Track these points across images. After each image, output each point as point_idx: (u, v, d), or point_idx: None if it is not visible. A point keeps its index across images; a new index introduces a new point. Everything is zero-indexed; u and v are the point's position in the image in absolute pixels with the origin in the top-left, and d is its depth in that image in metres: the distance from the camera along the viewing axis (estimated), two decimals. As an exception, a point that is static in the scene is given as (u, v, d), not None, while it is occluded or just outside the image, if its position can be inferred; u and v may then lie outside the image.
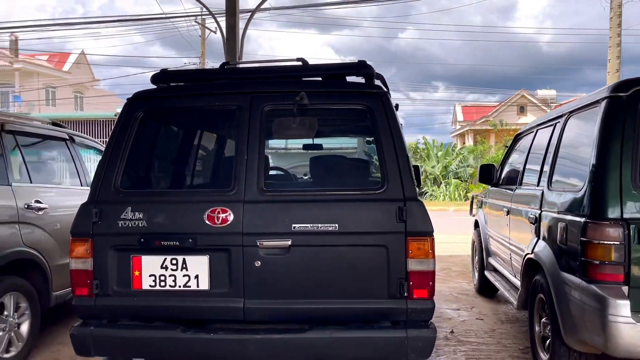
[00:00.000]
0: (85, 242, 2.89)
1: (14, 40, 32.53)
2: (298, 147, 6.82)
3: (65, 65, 36.26)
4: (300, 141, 5.47)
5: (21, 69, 32.83)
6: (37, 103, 32.03)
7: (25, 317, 4.18)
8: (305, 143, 5.33)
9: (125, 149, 3.01)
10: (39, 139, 4.84)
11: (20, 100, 31.72)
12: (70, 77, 35.25)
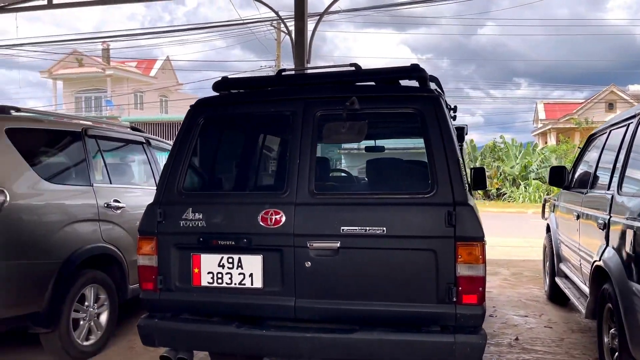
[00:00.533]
0: (151, 240, 3.11)
1: (106, 49, 34.88)
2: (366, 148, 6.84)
3: (152, 71, 38.39)
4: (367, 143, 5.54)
5: (112, 75, 35.15)
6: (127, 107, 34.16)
7: (104, 308, 4.54)
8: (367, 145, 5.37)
9: (187, 153, 3.20)
10: (118, 142, 5.23)
11: (111, 104, 34.00)
12: (156, 82, 37.28)
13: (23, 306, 3.83)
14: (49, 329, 4.02)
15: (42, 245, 3.95)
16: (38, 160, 4.14)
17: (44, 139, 4.34)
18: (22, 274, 3.80)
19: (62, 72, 35.73)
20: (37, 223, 3.95)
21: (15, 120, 4.12)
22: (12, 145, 3.89)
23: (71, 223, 4.22)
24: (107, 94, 34.97)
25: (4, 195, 3.68)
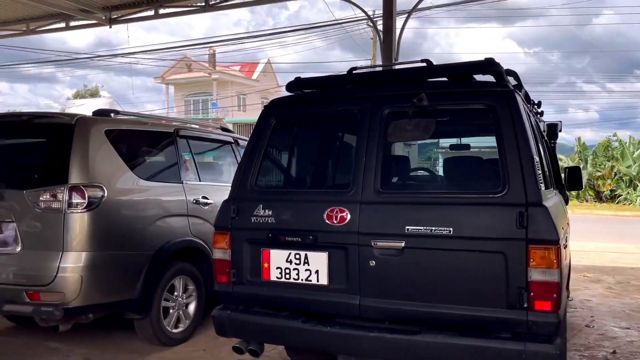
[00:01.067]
0: (225, 235, 3.26)
1: (212, 54, 36.83)
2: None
3: (254, 74, 39.95)
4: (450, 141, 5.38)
5: (218, 79, 37.05)
6: (231, 109, 35.86)
7: (192, 299, 4.82)
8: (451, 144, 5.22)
9: (260, 152, 3.32)
10: (207, 142, 5.52)
11: (217, 107, 35.86)
12: (258, 85, 38.75)
13: (119, 293, 4.18)
14: (141, 316, 4.35)
15: (135, 237, 4.28)
16: (133, 159, 4.49)
17: (139, 139, 4.70)
18: (118, 263, 4.14)
19: (173, 78, 38.26)
20: (131, 217, 4.28)
21: (113, 122, 4.50)
22: (110, 145, 4.26)
23: (162, 218, 4.53)
24: (213, 97, 36.91)
25: (102, 191, 4.04)
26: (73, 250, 3.88)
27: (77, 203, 3.91)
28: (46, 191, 3.93)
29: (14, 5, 10.57)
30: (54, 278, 3.82)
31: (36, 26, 11.68)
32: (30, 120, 4.32)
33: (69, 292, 3.83)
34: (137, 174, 4.41)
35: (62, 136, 4.06)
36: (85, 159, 4.03)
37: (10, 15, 11.30)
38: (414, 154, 16.22)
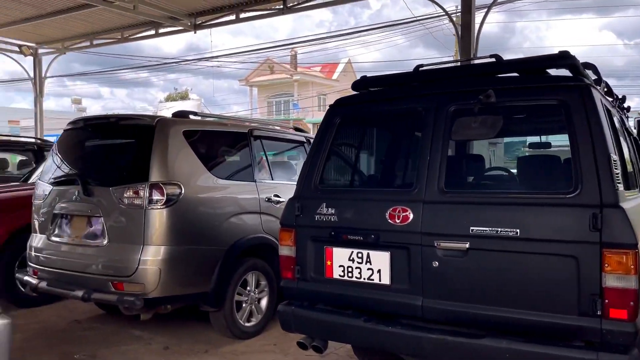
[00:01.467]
0: (290, 232, 3.33)
1: (294, 55, 37.53)
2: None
3: (334, 74, 40.22)
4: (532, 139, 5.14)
5: (299, 80, 37.70)
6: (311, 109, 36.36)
7: (264, 294, 4.97)
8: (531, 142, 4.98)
9: (324, 151, 3.35)
10: (280, 142, 5.65)
11: (297, 107, 36.52)
12: (337, 85, 38.97)
13: (194, 286, 4.39)
14: (215, 308, 4.54)
15: (210, 233, 4.47)
16: (209, 158, 4.69)
17: (215, 139, 4.90)
18: (194, 257, 4.35)
19: (256, 80, 39.41)
20: (207, 214, 4.48)
21: (191, 123, 4.73)
22: (188, 145, 4.48)
23: (236, 215, 4.70)
24: (294, 98, 37.61)
25: (180, 188, 4.26)
26: (153, 244, 4.13)
27: (157, 200, 4.15)
28: (129, 188, 4.20)
29: (111, 15, 11.39)
30: (135, 270, 4.08)
31: (129, 34, 12.50)
32: (117, 121, 4.64)
33: (148, 284, 4.08)
34: (212, 173, 4.61)
35: (144, 137, 4.33)
36: (165, 158, 4.27)
37: (108, 25, 12.19)
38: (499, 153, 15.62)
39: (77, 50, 13.92)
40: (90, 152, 4.78)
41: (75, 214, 4.49)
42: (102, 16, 11.46)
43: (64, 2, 10.64)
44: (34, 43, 13.75)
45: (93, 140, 4.76)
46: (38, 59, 14.08)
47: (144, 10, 10.69)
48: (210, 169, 4.61)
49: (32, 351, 4.48)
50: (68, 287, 4.35)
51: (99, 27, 12.31)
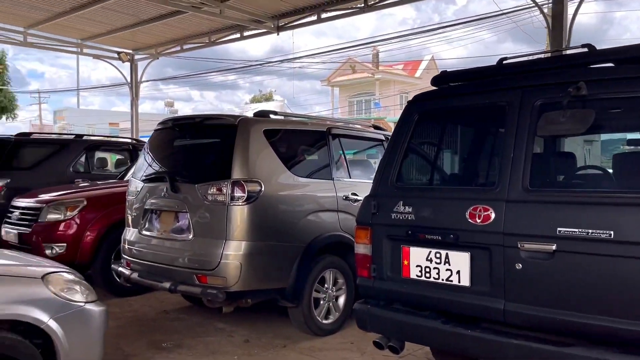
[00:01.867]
0: (366, 230, 3.30)
1: (376, 54, 37.35)
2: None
3: (417, 72, 39.55)
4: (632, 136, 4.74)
5: (380, 78, 37.46)
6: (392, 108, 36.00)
7: (341, 292, 4.97)
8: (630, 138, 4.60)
9: (401, 148, 3.29)
10: (358, 140, 5.64)
11: (379, 106, 36.30)
12: (420, 83, 38.28)
13: (273, 281, 4.48)
14: (293, 304, 4.61)
15: (289, 230, 4.55)
16: (288, 156, 4.77)
17: (294, 138, 4.97)
18: (273, 253, 4.44)
19: (338, 80, 39.63)
20: (285, 211, 4.56)
21: (271, 122, 4.83)
22: (267, 143, 4.58)
23: (314, 212, 4.75)
24: (376, 97, 37.41)
25: (260, 186, 4.36)
26: (234, 239, 4.26)
27: (238, 196, 4.27)
28: (213, 185, 4.37)
29: (199, 21, 11.92)
30: (218, 264, 4.23)
31: (216, 38, 13.00)
32: (202, 121, 4.83)
33: (230, 277, 4.21)
34: (291, 171, 4.68)
35: (227, 136, 4.48)
36: (246, 157, 4.39)
37: (196, 30, 12.76)
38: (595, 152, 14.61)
39: (168, 55, 14.69)
40: (177, 151, 5.01)
41: (163, 209, 4.73)
42: (191, 22, 12.01)
43: (158, 10, 11.26)
44: (131, 50, 14.67)
45: (180, 140, 5.00)
46: (134, 64, 15.01)
47: (230, 15, 11.07)
48: (289, 167, 4.68)
49: (125, 338, 4.77)
50: (157, 278, 4.60)
51: (188, 32, 12.91)
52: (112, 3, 10.69)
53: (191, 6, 10.76)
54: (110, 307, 5.66)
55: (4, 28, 12.97)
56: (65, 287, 3.24)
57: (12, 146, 7.79)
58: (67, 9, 11.29)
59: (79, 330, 3.21)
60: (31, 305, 2.98)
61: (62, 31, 13.14)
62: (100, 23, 12.34)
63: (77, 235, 5.93)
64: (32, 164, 7.92)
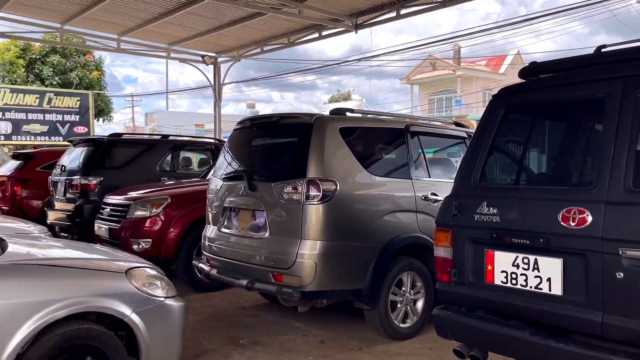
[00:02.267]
0: (446, 233, 3.13)
1: (457, 50, 36.29)
2: None
3: (501, 68, 37.99)
4: None
5: (462, 75, 36.33)
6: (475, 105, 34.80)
7: (420, 295, 4.80)
8: None
9: (485, 145, 3.09)
10: (438, 138, 5.42)
11: (460, 103, 35.23)
12: (504, 79, 36.73)
13: (348, 282, 4.39)
14: (369, 306, 4.50)
15: (365, 230, 4.44)
16: (365, 154, 4.66)
17: (371, 136, 4.86)
18: (348, 254, 4.36)
19: (418, 77, 38.93)
20: (361, 210, 4.46)
21: (348, 120, 4.74)
22: (343, 142, 4.50)
23: (391, 212, 4.61)
24: (457, 94, 36.35)
25: (335, 185, 4.29)
26: (309, 238, 4.22)
27: (313, 195, 4.23)
28: (289, 184, 4.35)
29: (278, 22, 12.09)
30: (293, 263, 4.21)
31: (295, 39, 13.12)
32: (279, 120, 4.84)
33: (305, 277, 4.17)
34: (368, 169, 4.57)
35: (303, 134, 4.45)
36: (321, 155, 4.34)
37: (276, 31, 12.95)
38: None
39: (249, 57, 15.03)
40: (254, 150, 5.06)
41: (241, 207, 4.79)
42: (271, 23, 12.20)
43: (239, 13, 11.54)
44: (214, 53, 15.16)
45: (257, 139, 5.04)
46: (217, 66, 15.50)
47: (308, 15, 11.12)
48: (365, 165, 4.58)
49: (204, 333, 4.88)
50: (234, 275, 4.66)
51: (268, 34, 13.13)
52: (197, 8, 11.07)
53: (270, 7, 10.92)
54: (191, 302, 5.86)
55: (100, 36, 13.86)
56: (147, 282, 3.33)
57: (105, 146, 8.25)
58: (155, 15, 11.84)
59: (160, 324, 3.29)
60: (115, 298, 3.08)
61: (151, 37, 13.81)
62: (186, 27, 12.84)
63: (161, 232, 6.16)
64: (122, 163, 8.35)
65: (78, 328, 2.97)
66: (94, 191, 7.86)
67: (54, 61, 28.24)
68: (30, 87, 26.31)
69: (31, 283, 2.87)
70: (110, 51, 14.75)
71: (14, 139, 23.89)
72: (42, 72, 28.18)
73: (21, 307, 2.77)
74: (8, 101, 24.18)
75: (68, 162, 8.54)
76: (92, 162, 8.06)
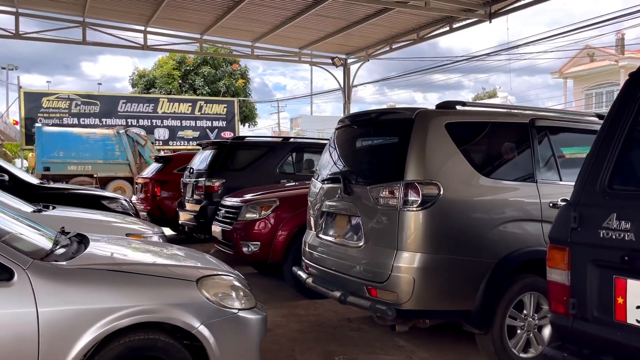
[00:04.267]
0: (562, 251, 2.45)
1: (620, 38, 32.27)
2: None
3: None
4: None
5: (626, 66, 32.17)
6: None
7: (546, 320, 4.01)
8: None
9: (618, 138, 2.36)
10: (574, 133, 4.53)
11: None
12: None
13: (454, 302, 3.81)
14: (481, 331, 3.86)
15: (475, 242, 3.81)
16: (476, 154, 4.03)
17: (486, 132, 4.18)
18: (454, 269, 3.77)
19: (571, 71, 35.38)
20: (470, 219, 3.84)
21: (456, 114, 4.13)
22: (450, 139, 3.91)
23: (509, 222, 3.91)
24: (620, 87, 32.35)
25: (437, 188, 3.73)
26: (407, 250, 3.72)
27: (412, 201, 3.72)
28: (385, 187, 3.89)
29: (406, 17, 11.58)
30: (388, 277, 3.74)
31: (424, 33, 12.48)
32: (378, 116, 4.39)
33: (401, 293, 3.68)
34: (480, 171, 3.93)
35: (403, 131, 3.95)
36: (422, 155, 3.81)
37: (404, 27, 12.45)
38: None
39: (378, 56, 14.66)
40: (353, 150, 4.67)
41: (338, 212, 4.43)
42: (398, 19, 11.73)
43: (365, 10, 11.25)
44: (344, 54, 15.06)
45: (356, 138, 4.65)
46: (347, 68, 15.37)
47: (436, 6, 10.45)
48: (477, 166, 3.94)
49: (301, 344, 4.60)
50: (329, 286, 4.31)
51: (396, 30, 12.66)
52: (324, 8, 11.00)
53: (396, 2, 10.45)
54: (296, 309, 5.67)
55: (235, 44, 14.52)
56: (221, 292, 3.12)
57: (227, 149, 8.46)
58: (283, 19, 12.03)
59: (232, 338, 3.06)
60: (183, 308, 2.90)
61: (282, 41, 14.12)
62: (314, 30, 12.90)
63: (269, 235, 6.04)
64: (244, 165, 8.50)
65: (144, 338, 2.84)
66: (217, 192, 8.09)
67: (204, 72, 30.62)
68: (183, 97, 28.84)
69: (96, 289, 2.78)
70: (245, 57, 15.38)
71: (170, 144, 26.29)
72: (195, 82, 30.70)
73: (84, 314, 2.69)
74: (166, 110, 26.72)
75: (196, 164, 8.92)
76: (216, 165, 8.31)
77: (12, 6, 11.89)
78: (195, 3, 11.33)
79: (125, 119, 25.39)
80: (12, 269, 2.62)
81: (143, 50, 13.30)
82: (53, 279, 2.71)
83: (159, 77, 30.34)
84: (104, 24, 13.06)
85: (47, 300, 2.63)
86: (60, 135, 19.17)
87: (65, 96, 25.24)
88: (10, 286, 2.60)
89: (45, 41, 13.26)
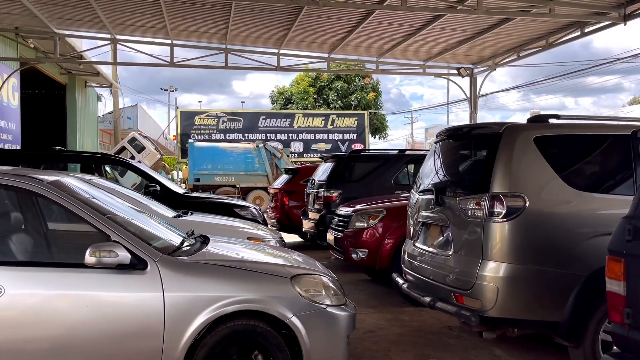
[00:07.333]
0: (619, 262, 2.52)
1: None
2: None
3: None
4: None
5: None
6: None
7: None
8: None
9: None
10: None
11: None
12: None
13: (542, 312, 3.86)
14: (571, 343, 3.85)
15: (563, 254, 3.84)
16: (567, 167, 4.04)
17: (580, 146, 4.17)
18: (540, 280, 3.83)
19: None
20: (558, 231, 3.87)
21: (547, 128, 4.18)
22: (539, 153, 3.98)
23: (602, 235, 3.85)
24: None
25: (523, 200, 3.84)
26: (491, 259, 3.87)
27: (497, 212, 3.87)
28: (472, 199, 4.07)
29: (533, 24, 11.25)
30: (473, 284, 3.92)
31: (554, 40, 11.97)
32: (470, 131, 4.57)
33: (485, 301, 3.84)
34: (572, 184, 3.94)
35: (491, 145, 4.11)
36: (508, 168, 3.94)
37: (531, 34, 12.07)
38: None
39: (505, 65, 14.29)
40: (447, 163, 4.88)
41: (431, 222, 4.67)
42: (524, 27, 11.44)
43: (489, 20, 11.15)
44: (470, 64, 14.91)
45: (450, 151, 4.85)
46: (473, 77, 15.18)
47: (563, 12, 10.04)
48: (569, 179, 3.95)
49: (398, 346, 4.89)
50: (421, 292, 4.56)
51: (523, 38, 12.31)
52: (443, 22, 11.13)
53: (519, 11, 10.24)
54: (400, 315, 5.97)
55: (361, 60, 15.13)
56: (312, 288, 3.57)
57: (345, 161, 9.00)
58: (405, 35, 12.35)
59: (320, 330, 3.48)
60: (278, 301, 3.40)
61: (406, 55, 14.42)
62: (437, 43, 13.02)
63: (376, 242, 6.41)
64: (360, 176, 8.98)
65: (246, 324, 3.38)
66: (335, 202, 8.65)
67: (337, 87, 31.86)
68: (317, 111, 30.28)
69: (209, 280, 3.39)
70: (372, 73, 15.93)
71: (305, 157, 27.77)
72: (328, 96, 32.09)
73: (198, 300, 3.31)
74: (301, 124, 28.30)
75: (318, 176, 9.59)
76: (334, 176, 8.89)
77: (167, 38, 13.70)
78: (322, 25, 12.13)
79: (265, 134, 27.43)
80: (147, 261, 3.33)
81: (276, 71, 14.48)
82: (176, 270, 3.37)
83: (296, 93, 32.26)
84: (243, 49, 14.46)
85: (171, 286, 3.29)
86: (208, 150, 21.40)
87: (214, 114, 28.01)
88: (145, 274, 3.31)
89: (194, 67, 15.01)
